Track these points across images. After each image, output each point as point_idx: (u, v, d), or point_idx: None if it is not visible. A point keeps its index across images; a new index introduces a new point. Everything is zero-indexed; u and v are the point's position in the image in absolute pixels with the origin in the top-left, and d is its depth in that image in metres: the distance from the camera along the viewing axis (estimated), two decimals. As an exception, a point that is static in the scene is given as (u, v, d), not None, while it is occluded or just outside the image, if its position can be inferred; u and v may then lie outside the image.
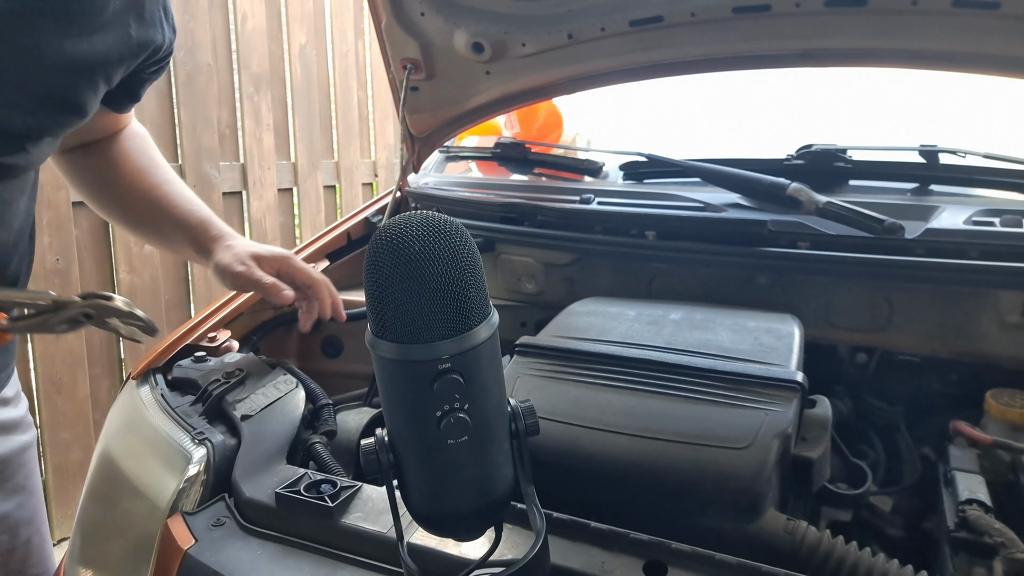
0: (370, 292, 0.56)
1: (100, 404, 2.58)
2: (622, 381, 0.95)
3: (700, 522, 0.79)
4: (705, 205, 1.35)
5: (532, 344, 1.05)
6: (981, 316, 1.17)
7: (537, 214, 1.45)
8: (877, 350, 1.26)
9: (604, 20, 1.37)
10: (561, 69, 1.51)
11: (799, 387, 0.91)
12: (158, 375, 1.09)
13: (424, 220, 0.55)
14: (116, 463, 0.97)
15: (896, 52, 1.26)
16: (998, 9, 1.11)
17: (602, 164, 1.68)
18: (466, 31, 1.45)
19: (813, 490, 0.88)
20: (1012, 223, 1.17)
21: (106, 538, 0.95)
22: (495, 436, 0.61)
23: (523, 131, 2.09)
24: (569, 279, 1.49)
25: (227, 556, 0.76)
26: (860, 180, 1.41)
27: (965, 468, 0.94)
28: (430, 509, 0.63)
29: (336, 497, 0.79)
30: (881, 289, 1.22)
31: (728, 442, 0.82)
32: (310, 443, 0.96)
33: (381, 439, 0.61)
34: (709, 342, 1.04)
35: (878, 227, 1.15)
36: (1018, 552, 0.77)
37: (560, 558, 0.70)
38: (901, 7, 1.17)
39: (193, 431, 0.92)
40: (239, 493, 0.84)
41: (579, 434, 0.87)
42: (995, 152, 1.30)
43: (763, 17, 1.26)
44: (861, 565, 0.73)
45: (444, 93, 1.62)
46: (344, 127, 3.76)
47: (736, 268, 1.30)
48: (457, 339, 0.55)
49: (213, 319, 1.22)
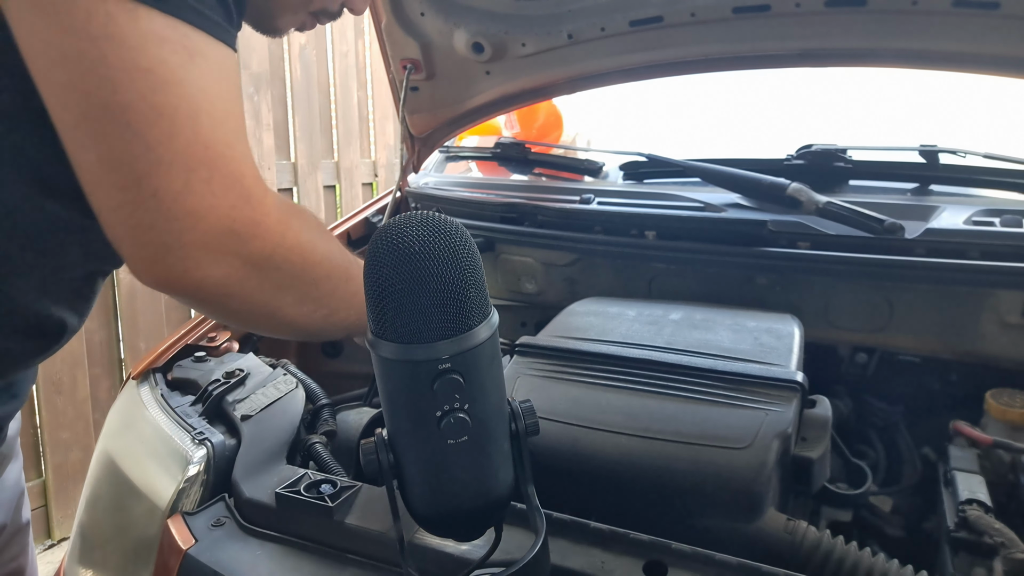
0: (370, 292, 0.56)
1: (100, 404, 2.58)
2: (622, 381, 0.95)
3: (700, 522, 0.79)
4: (705, 205, 1.35)
5: (532, 344, 1.05)
6: (981, 316, 1.17)
7: (537, 214, 1.45)
8: (877, 350, 1.26)
9: (604, 20, 1.37)
10: (561, 69, 1.51)
11: (799, 387, 0.91)
12: (158, 375, 1.09)
13: (424, 220, 0.55)
14: (116, 463, 0.97)
15: (896, 52, 1.26)
16: (998, 9, 1.11)
17: (602, 164, 1.68)
18: (466, 31, 1.45)
19: (813, 490, 0.88)
20: (1012, 223, 1.17)
21: (106, 538, 0.95)
22: (495, 436, 0.61)
23: (523, 131, 2.09)
24: (569, 279, 1.49)
25: (227, 556, 0.76)
26: (860, 180, 1.41)
27: (965, 468, 0.94)
28: (430, 509, 0.63)
29: (336, 497, 0.78)
30: (881, 289, 1.22)
31: (728, 442, 0.82)
32: (310, 443, 0.96)
33: (381, 439, 0.61)
34: (709, 342, 1.04)
35: (878, 227, 1.16)
36: (1018, 552, 0.77)
37: (560, 558, 0.70)
38: (901, 7, 1.17)
39: (193, 431, 0.92)
40: (239, 493, 0.84)
41: (579, 434, 0.87)
42: (995, 152, 1.30)
43: (763, 17, 1.26)
44: (861, 565, 0.73)
45: (444, 93, 1.62)
46: (344, 127, 3.76)
47: (736, 268, 1.30)
48: (457, 339, 0.55)
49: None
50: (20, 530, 1.13)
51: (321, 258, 0.75)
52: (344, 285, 0.78)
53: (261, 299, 0.72)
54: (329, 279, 0.77)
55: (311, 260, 0.74)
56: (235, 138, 0.66)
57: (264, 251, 0.68)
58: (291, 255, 0.71)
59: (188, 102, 0.62)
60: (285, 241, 0.70)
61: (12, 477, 1.10)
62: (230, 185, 0.65)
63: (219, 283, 0.67)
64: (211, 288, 0.67)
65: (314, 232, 0.75)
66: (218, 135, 0.64)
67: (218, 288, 0.67)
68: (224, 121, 0.65)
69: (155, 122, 0.61)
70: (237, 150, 0.66)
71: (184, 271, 0.65)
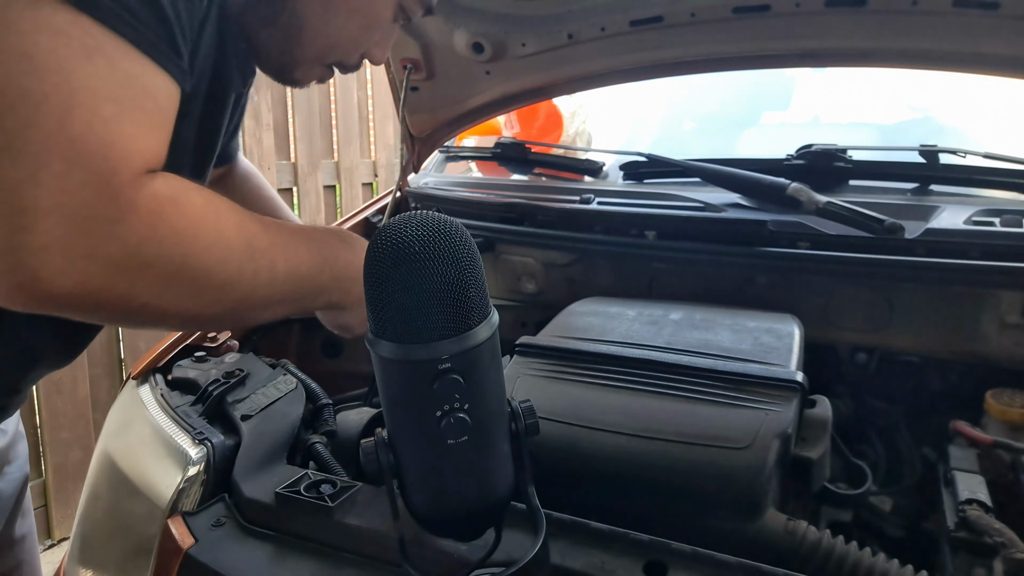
0: (370, 292, 0.56)
1: (100, 404, 2.58)
2: (622, 381, 0.95)
3: (700, 522, 0.79)
4: (705, 205, 1.35)
5: (532, 344, 1.05)
6: (981, 316, 1.17)
7: (537, 214, 1.45)
8: (877, 350, 1.26)
9: (604, 20, 1.37)
10: (561, 69, 1.51)
11: (799, 387, 0.91)
12: (158, 375, 1.09)
13: (424, 220, 0.56)
14: (116, 463, 0.97)
15: (896, 52, 1.26)
16: (998, 9, 1.11)
17: (602, 164, 1.68)
18: (466, 31, 1.45)
19: (813, 490, 0.88)
20: (1012, 223, 1.17)
21: (106, 538, 0.95)
22: (495, 436, 0.61)
23: (523, 131, 2.09)
24: (569, 279, 1.49)
25: (227, 556, 0.76)
26: (860, 180, 1.41)
27: (965, 468, 0.94)
28: (430, 509, 0.63)
29: (336, 497, 0.79)
30: (881, 289, 1.22)
31: (728, 442, 0.82)
32: (310, 443, 0.96)
33: (381, 439, 0.61)
34: (709, 342, 1.04)
35: (878, 227, 1.15)
36: (1018, 552, 0.77)
37: (560, 558, 0.70)
38: (901, 7, 1.17)
39: (193, 431, 0.92)
40: (239, 493, 0.84)
41: (579, 434, 0.87)
42: (995, 152, 1.30)
43: (763, 17, 1.26)
44: (861, 565, 0.73)
45: (444, 93, 1.62)
46: (344, 127, 3.76)
47: (736, 268, 1.30)
48: (457, 339, 0.55)
49: (213, 319, 1.22)
50: (11, 543, 1.12)
51: (210, 242, 0.66)
52: (249, 264, 0.70)
53: (142, 300, 0.64)
54: (226, 263, 0.68)
55: (195, 248, 0.65)
56: (124, 142, 0.60)
57: (126, 250, 0.61)
58: (164, 248, 0.63)
59: (63, 93, 0.57)
60: (156, 234, 0.62)
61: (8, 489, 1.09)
62: (89, 182, 0.58)
63: (76, 291, 0.59)
64: (69, 297, 0.59)
65: (200, 215, 0.67)
66: (96, 134, 0.58)
67: (78, 297, 0.60)
68: (114, 126, 0.60)
69: (15, 106, 0.56)
70: (118, 152, 0.60)
71: (30, 278, 0.57)
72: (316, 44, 0.84)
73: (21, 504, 1.13)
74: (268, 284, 0.73)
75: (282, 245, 0.74)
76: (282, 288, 0.75)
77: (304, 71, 0.87)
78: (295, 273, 0.76)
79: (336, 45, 0.85)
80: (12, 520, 1.11)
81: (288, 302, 0.78)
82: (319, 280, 0.80)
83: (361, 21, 0.84)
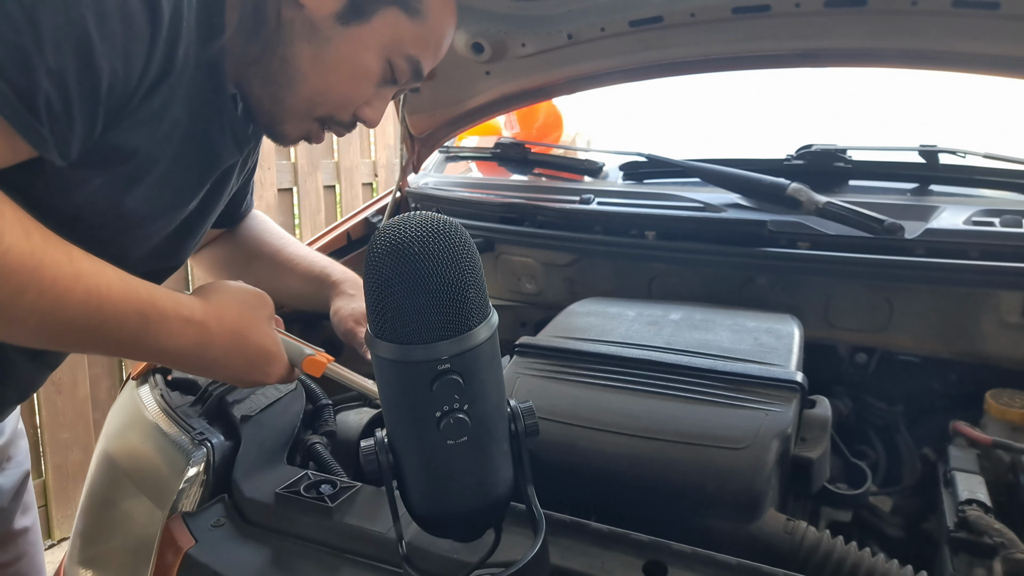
0: (370, 292, 0.56)
1: (100, 404, 2.58)
2: (622, 381, 0.95)
3: (700, 522, 0.79)
4: (705, 205, 1.35)
5: (532, 344, 1.05)
6: (981, 316, 1.17)
7: (537, 214, 1.45)
8: (877, 350, 1.26)
9: (604, 20, 1.37)
10: (561, 69, 1.51)
11: (799, 387, 0.91)
12: (158, 375, 1.09)
13: (424, 221, 0.56)
14: (116, 463, 0.97)
15: (896, 52, 1.26)
16: (998, 9, 1.11)
17: (602, 164, 1.68)
18: (466, 31, 1.45)
19: (813, 490, 0.88)
20: (1012, 223, 1.17)
21: (106, 538, 0.95)
22: (495, 437, 0.61)
23: (523, 131, 2.09)
24: (569, 279, 1.49)
25: (227, 556, 0.76)
26: (860, 180, 1.41)
27: (965, 468, 0.94)
28: (430, 509, 0.63)
29: (336, 497, 0.79)
30: (881, 289, 1.22)
31: (728, 442, 0.82)
32: (310, 443, 0.96)
33: (381, 440, 0.61)
34: (709, 342, 1.04)
35: (878, 227, 1.15)
36: (1018, 552, 0.77)
37: (560, 558, 0.70)
38: (901, 7, 1.17)
39: (193, 431, 0.92)
40: (239, 493, 0.84)
41: (579, 434, 0.87)
42: (995, 152, 1.30)
43: (763, 17, 1.26)
44: (861, 565, 0.73)
45: (444, 93, 1.62)
46: (344, 127, 3.76)
47: (736, 268, 1.30)
48: (457, 340, 0.55)
49: (213, 319, 1.22)
50: (13, 536, 1.12)
51: (11, 271, 0.62)
52: (52, 290, 0.64)
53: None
54: (24, 292, 0.63)
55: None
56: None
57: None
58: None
59: None
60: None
61: (7, 484, 1.10)
62: None
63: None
64: None
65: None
66: None
67: None
68: None
69: None
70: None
71: None
72: (305, 93, 0.84)
73: (22, 499, 1.14)
74: (86, 313, 0.67)
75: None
76: (114, 315, 0.69)
77: (294, 124, 0.87)
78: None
79: (324, 95, 0.85)
80: (12, 513, 1.11)
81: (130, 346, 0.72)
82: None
83: (349, 71, 0.84)
